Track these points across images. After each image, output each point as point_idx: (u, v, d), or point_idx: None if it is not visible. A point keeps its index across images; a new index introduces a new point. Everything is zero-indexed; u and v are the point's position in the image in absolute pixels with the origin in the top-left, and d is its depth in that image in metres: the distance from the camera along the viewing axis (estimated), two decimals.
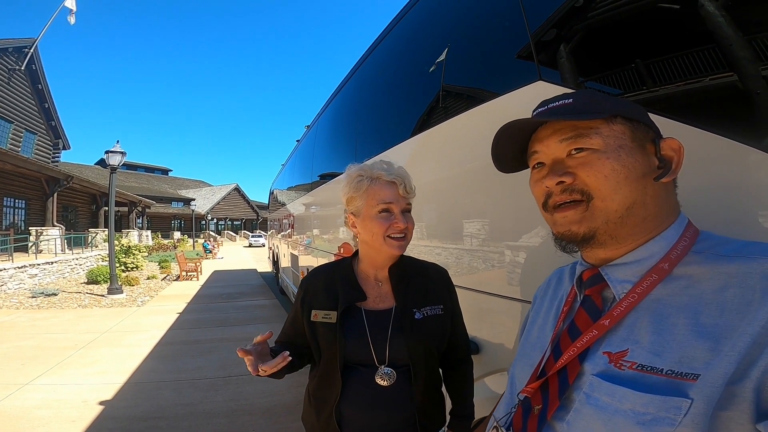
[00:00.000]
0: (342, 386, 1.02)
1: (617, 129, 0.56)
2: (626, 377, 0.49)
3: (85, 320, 6.59)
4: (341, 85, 3.81)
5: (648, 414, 0.45)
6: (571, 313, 0.63)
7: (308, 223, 5.48)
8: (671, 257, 0.54)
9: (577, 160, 0.56)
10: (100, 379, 3.94)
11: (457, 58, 1.74)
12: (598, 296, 0.60)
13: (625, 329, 0.53)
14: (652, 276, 0.54)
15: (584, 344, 0.55)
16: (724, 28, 0.82)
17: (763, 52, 0.76)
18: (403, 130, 2.23)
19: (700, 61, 0.85)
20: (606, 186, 0.54)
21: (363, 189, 1.04)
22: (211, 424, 3.02)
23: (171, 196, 43.56)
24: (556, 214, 0.59)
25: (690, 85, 0.87)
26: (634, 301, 0.54)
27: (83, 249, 14.77)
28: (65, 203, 18.44)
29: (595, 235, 0.56)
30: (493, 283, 1.48)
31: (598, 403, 0.50)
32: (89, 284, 10.36)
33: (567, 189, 0.57)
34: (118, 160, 8.88)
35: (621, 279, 0.57)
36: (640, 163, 0.55)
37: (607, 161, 0.54)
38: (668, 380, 0.46)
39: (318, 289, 1.11)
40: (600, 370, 0.52)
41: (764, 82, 0.76)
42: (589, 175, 0.55)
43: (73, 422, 3.05)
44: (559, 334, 0.62)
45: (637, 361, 0.50)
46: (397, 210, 1.03)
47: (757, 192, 0.75)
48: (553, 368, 0.58)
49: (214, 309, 7.57)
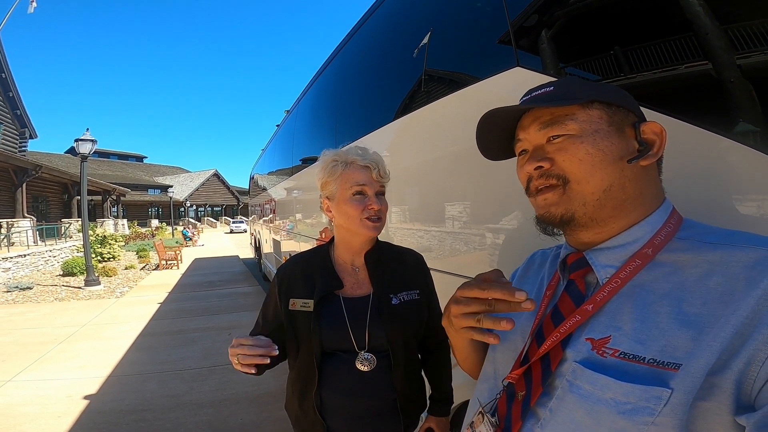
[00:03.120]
0: (322, 373, 1.03)
1: (593, 114, 0.56)
2: (608, 365, 0.49)
3: (63, 314, 6.43)
4: (321, 70, 3.73)
5: (628, 403, 0.46)
6: (555, 298, 0.63)
7: (290, 208, 5.43)
8: (655, 243, 0.54)
9: (555, 146, 0.57)
10: (82, 373, 3.88)
11: (436, 43, 1.72)
12: (581, 281, 0.60)
13: (608, 315, 0.53)
14: (636, 261, 0.54)
15: (567, 330, 0.56)
16: (701, 17, 0.83)
17: (738, 42, 0.77)
18: (383, 114, 2.21)
19: (677, 49, 0.86)
20: (581, 169, 0.55)
21: (337, 173, 1.05)
22: (198, 414, 3.02)
23: (147, 184, 42.43)
24: (537, 197, 0.60)
25: (665, 73, 0.88)
26: (617, 286, 0.54)
27: (57, 240, 14.30)
28: (35, 193, 17.72)
29: (573, 217, 0.56)
30: (471, 267, 1.51)
31: (581, 392, 0.50)
32: (65, 276, 10.07)
33: (545, 174, 0.58)
34: (89, 148, 8.53)
35: (604, 263, 0.57)
36: (617, 147, 0.55)
37: (582, 145, 0.55)
38: (650, 369, 0.46)
39: (295, 277, 1.11)
40: (582, 357, 0.53)
41: (738, 72, 0.78)
42: (565, 159, 0.56)
43: (59, 418, 3.01)
44: (542, 319, 0.62)
45: (619, 348, 0.50)
46: (371, 192, 1.04)
47: (728, 180, 0.77)
48: (536, 354, 0.58)
49: (197, 298, 7.48)
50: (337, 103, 3.20)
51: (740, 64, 0.77)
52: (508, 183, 1.26)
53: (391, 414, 1.06)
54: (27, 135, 20.18)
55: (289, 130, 5.40)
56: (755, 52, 0.74)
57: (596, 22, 1.03)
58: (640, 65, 0.91)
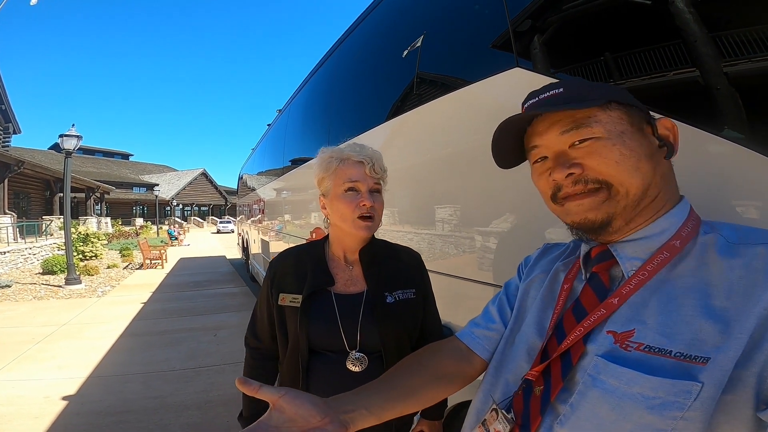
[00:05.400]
0: (310, 373, 1.00)
1: (614, 115, 0.55)
2: (632, 359, 0.48)
3: (42, 312, 6.26)
4: (315, 69, 3.72)
5: (658, 398, 0.45)
6: (574, 293, 0.62)
7: (279, 208, 5.38)
8: (682, 234, 0.53)
9: (582, 150, 0.55)
10: (61, 373, 3.78)
11: (434, 43, 1.72)
12: (605, 274, 0.59)
13: (630, 308, 0.52)
14: (664, 253, 0.53)
15: (591, 324, 0.54)
16: (690, 24, 0.85)
17: (726, 50, 0.79)
18: (377, 114, 2.20)
19: (667, 55, 0.88)
20: (621, 171, 0.53)
21: (332, 169, 1.03)
22: (183, 416, 2.96)
23: (132, 182, 41.61)
24: (568, 204, 0.58)
25: (654, 80, 0.90)
26: (644, 279, 0.53)
27: (37, 238, 13.93)
28: (17, 190, 17.32)
29: (612, 220, 0.55)
30: (466, 268, 1.51)
31: (605, 386, 0.49)
32: (45, 275, 9.80)
33: (580, 180, 0.55)
34: (74, 144, 8.36)
35: (630, 256, 0.56)
36: (644, 145, 0.54)
37: (614, 147, 0.53)
38: (677, 363, 0.45)
39: (287, 271, 1.08)
40: (605, 350, 0.51)
41: (725, 79, 0.80)
42: (600, 163, 0.54)
43: (36, 419, 2.92)
44: (561, 313, 0.61)
45: (644, 342, 0.49)
46: (363, 188, 1.01)
47: (716, 179, 0.79)
48: (557, 350, 0.56)
49: (182, 298, 7.35)
50: (332, 103, 3.19)
51: (726, 72, 0.79)
52: (512, 184, 1.27)
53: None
54: (11, 130, 19.72)
55: (280, 129, 5.36)
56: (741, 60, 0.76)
57: (597, 23, 1.04)
58: (641, 66, 0.92)
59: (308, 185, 3.85)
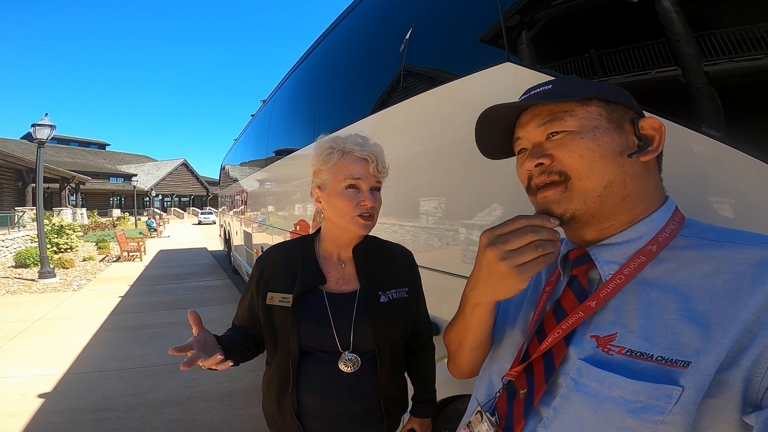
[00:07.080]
0: (300, 374, 0.98)
1: (592, 111, 0.56)
2: (615, 363, 0.49)
3: (15, 307, 6.05)
4: (302, 59, 3.65)
5: (638, 402, 0.45)
6: (556, 294, 0.63)
7: (263, 199, 5.31)
8: (659, 240, 0.54)
9: (554, 143, 0.57)
10: (37, 370, 3.67)
11: (424, 35, 1.70)
12: (584, 277, 0.60)
13: (612, 312, 0.53)
14: (640, 258, 0.54)
15: (570, 326, 0.55)
16: (675, 23, 0.86)
17: (708, 49, 0.81)
18: (364, 106, 2.18)
19: (649, 53, 0.89)
20: (582, 165, 0.54)
21: (332, 162, 0.97)
22: (164, 413, 2.91)
23: (109, 172, 40.53)
24: (538, 196, 0.59)
25: (638, 77, 0.91)
26: (621, 283, 0.53)
27: (9, 230, 13.42)
28: None
29: (574, 215, 0.56)
30: (453, 263, 1.51)
31: (588, 390, 0.50)
32: (17, 268, 9.47)
33: (546, 170, 0.57)
34: (47, 133, 8.05)
35: (608, 260, 0.56)
36: (617, 143, 0.54)
37: (582, 141, 0.54)
38: (658, 367, 0.46)
39: (276, 269, 1.04)
40: (587, 354, 0.52)
41: (705, 78, 0.81)
42: (565, 155, 0.55)
43: (13, 417, 2.84)
44: (542, 314, 0.62)
45: (626, 346, 0.49)
46: (365, 187, 0.96)
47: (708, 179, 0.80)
48: (537, 350, 0.57)
49: (162, 291, 7.20)
50: (318, 94, 3.13)
51: (707, 71, 0.81)
52: (502, 178, 1.27)
53: (374, 416, 1.02)
54: None
55: (264, 119, 5.26)
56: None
57: (590, 17, 1.04)
58: (635, 61, 0.92)
59: (293, 176, 3.80)
